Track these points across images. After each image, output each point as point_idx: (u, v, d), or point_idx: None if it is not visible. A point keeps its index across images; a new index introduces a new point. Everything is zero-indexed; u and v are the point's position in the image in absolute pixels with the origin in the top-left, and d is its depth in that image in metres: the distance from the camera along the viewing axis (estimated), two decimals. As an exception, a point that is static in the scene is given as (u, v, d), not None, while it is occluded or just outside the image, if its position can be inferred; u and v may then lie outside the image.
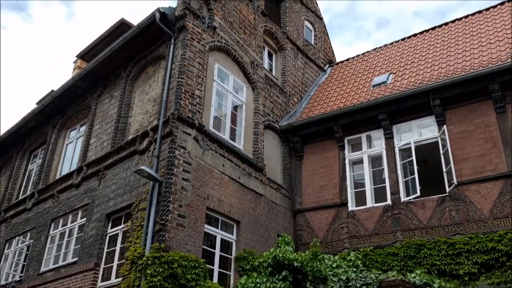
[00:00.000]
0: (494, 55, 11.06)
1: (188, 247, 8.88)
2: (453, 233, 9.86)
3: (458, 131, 10.73)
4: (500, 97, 10.30)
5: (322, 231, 11.63)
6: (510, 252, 8.93)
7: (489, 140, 10.27)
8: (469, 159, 10.33)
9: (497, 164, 9.96)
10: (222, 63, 11.73)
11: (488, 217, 9.64)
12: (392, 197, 11.00)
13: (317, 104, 13.89)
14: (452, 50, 12.70)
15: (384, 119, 11.65)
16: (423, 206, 10.51)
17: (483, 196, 9.87)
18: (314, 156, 12.74)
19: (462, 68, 11.21)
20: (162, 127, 9.82)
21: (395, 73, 13.14)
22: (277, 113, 13.28)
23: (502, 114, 10.30)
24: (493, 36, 12.22)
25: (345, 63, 16.69)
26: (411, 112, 11.48)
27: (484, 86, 10.48)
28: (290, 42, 15.19)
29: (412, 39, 15.20)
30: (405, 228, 10.50)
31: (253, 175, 11.39)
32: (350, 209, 11.48)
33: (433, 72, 11.92)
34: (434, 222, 10.21)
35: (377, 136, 12.03)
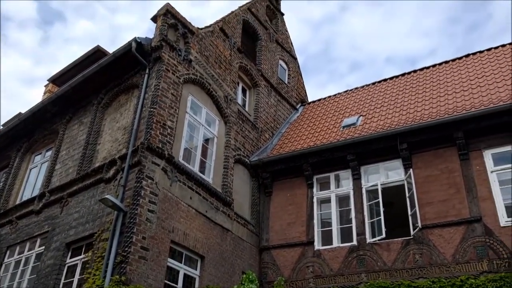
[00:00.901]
0: (459, 104, 11.48)
1: (149, 281, 8.62)
2: (417, 277, 9.92)
3: (423, 175, 10.96)
4: (464, 145, 10.63)
5: (287, 269, 11.51)
6: (473, 297, 9.02)
7: (453, 185, 10.51)
8: (434, 203, 10.52)
9: (460, 209, 10.17)
10: (196, 95, 11.77)
11: (450, 261, 9.76)
12: (358, 237, 11.04)
13: (288, 141, 14.01)
14: (420, 96, 13.13)
15: (352, 159, 11.82)
16: (388, 248, 10.57)
17: (446, 240, 10.02)
18: (283, 193, 12.74)
19: (429, 115, 11.57)
20: (131, 156, 9.69)
21: (365, 116, 13.45)
22: (248, 148, 13.32)
23: (465, 161, 10.60)
24: (458, 85, 12.74)
25: (317, 103, 17.01)
26: (379, 154, 11.70)
27: (449, 133, 10.81)
28: (264, 80, 15.43)
29: (383, 84, 15.68)
30: (370, 269, 10.51)
31: (221, 210, 11.27)
32: (316, 248, 11.44)
33: (401, 116, 12.25)
34: (398, 264, 10.26)
35: (345, 176, 12.17)
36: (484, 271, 9.34)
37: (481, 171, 10.35)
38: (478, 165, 10.44)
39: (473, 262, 9.54)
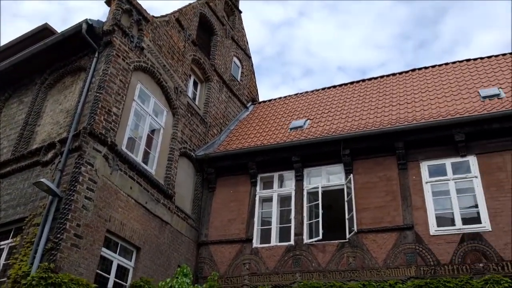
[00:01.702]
0: (402, 115, 11.94)
1: (80, 270, 8.36)
2: (349, 279, 10.21)
3: (363, 181, 11.30)
4: (403, 155, 11.05)
5: (224, 265, 11.53)
6: (396, 301, 9.39)
7: (390, 193, 10.91)
8: (370, 209, 10.88)
9: (394, 216, 10.57)
10: (145, 84, 11.55)
11: (381, 266, 10.13)
12: (295, 237, 11.23)
13: (235, 138, 14.04)
14: (366, 105, 13.53)
15: (297, 161, 12.00)
16: (324, 249, 10.82)
17: (379, 245, 10.38)
18: (226, 189, 12.75)
19: (373, 123, 11.95)
20: (71, 140, 9.36)
21: (312, 119, 13.70)
22: (195, 142, 13.21)
23: (403, 171, 11.03)
24: (403, 97, 13.24)
25: (267, 103, 17.15)
26: (323, 158, 11.95)
27: (390, 143, 11.21)
28: (217, 75, 15.37)
29: (332, 90, 16.04)
30: (305, 269, 10.71)
31: (161, 202, 11.12)
32: (254, 245, 11.53)
33: (347, 123, 12.58)
34: (332, 266, 10.53)
35: (289, 177, 12.34)
36: (411, 277, 9.75)
37: (417, 181, 10.81)
38: (415, 175, 10.89)
39: (402, 267, 9.94)
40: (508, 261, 9.22)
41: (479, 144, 10.58)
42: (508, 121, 10.29)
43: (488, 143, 10.54)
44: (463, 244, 9.71)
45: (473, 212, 10.21)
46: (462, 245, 9.71)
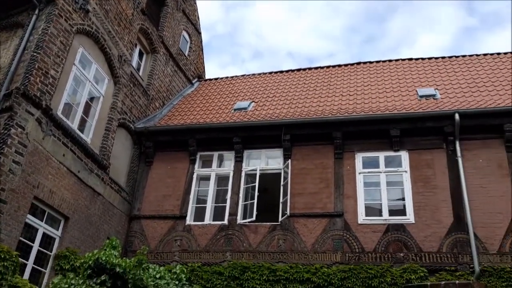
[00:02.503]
0: (344, 106, 12.26)
1: (2, 236, 7.99)
2: (277, 261, 10.47)
3: (300, 167, 11.54)
4: (340, 145, 11.38)
5: (155, 240, 11.45)
6: (321, 284, 9.76)
7: (324, 180, 11.23)
8: (304, 194, 11.16)
9: (326, 203, 10.91)
10: (88, 49, 11.07)
11: (309, 250, 10.45)
12: (229, 217, 11.33)
13: (178, 114, 13.84)
14: (310, 93, 13.77)
15: (238, 142, 12.04)
16: (256, 231, 11.00)
17: (309, 230, 10.70)
18: (164, 164, 12.59)
19: (314, 112, 12.19)
20: (2, 100, 8.83)
21: (257, 102, 13.76)
22: (135, 114, 12.89)
23: (339, 160, 11.37)
24: (346, 89, 13.58)
25: (213, 82, 17.01)
26: (263, 142, 12.07)
27: (329, 132, 11.49)
28: (164, 47, 15.00)
29: (279, 75, 16.16)
30: (236, 249, 10.85)
31: (95, 172, 10.80)
32: (187, 223, 11.52)
33: (290, 109, 12.75)
34: (262, 247, 10.74)
35: (229, 157, 12.37)
36: (337, 262, 10.15)
37: (351, 171, 11.19)
38: (349, 165, 11.27)
39: (329, 252, 10.32)
40: (426, 252, 9.82)
41: (412, 140, 11.10)
42: (440, 121, 10.84)
43: (420, 140, 11.08)
44: (388, 234, 10.21)
45: (399, 205, 10.73)
46: (386, 235, 10.20)
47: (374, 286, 9.53)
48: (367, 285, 9.57)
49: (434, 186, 10.51)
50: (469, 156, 10.61)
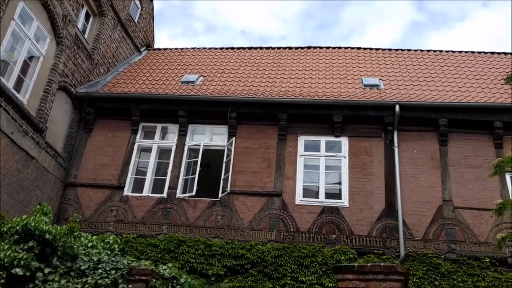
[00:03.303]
0: (291, 89, 12.39)
1: None
2: (214, 236, 10.55)
3: (244, 146, 11.60)
4: (284, 127, 11.52)
5: (90, 209, 11.17)
6: (255, 261, 9.96)
7: (266, 160, 11.36)
8: (246, 173, 11.25)
9: (266, 182, 11.07)
10: (29, 4, 10.40)
11: (246, 227, 10.61)
12: (169, 191, 11.24)
13: (122, 82, 13.42)
14: (259, 72, 13.77)
15: (183, 116, 11.89)
16: (195, 205, 11.00)
17: (248, 208, 10.84)
18: (104, 132, 12.21)
19: (262, 91, 12.23)
20: None
21: (205, 77, 13.60)
22: (78, 78, 12.37)
23: (282, 141, 11.52)
24: (295, 72, 13.72)
25: (162, 52, 16.61)
26: (209, 117, 11.99)
27: (275, 113, 11.60)
28: (113, 11, 14.40)
29: (230, 51, 16.02)
30: (173, 223, 10.82)
31: (30, 135, 10.31)
32: (125, 193, 11.31)
33: (238, 87, 12.71)
34: (200, 222, 10.77)
35: (172, 130, 12.20)
36: (272, 240, 10.38)
37: (293, 153, 11.39)
38: (292, 147, 11.45)
39: (265, 230, 10.52)
40: (357, 236, 10.25)
41: (353, 127, 11.43)
42: (382, 111, 11.23)
43: (361, 128, 11.43)
44: (322, 216, 10.54)
45: (336, 189, 11.08)
46: (321, 217, 10.53)
47: (306, 265, 9.85)
48: (299, 263, 9.87)
49: (370, 173, 10.92)
50: (405, 146, 11.09)
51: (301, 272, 9.79)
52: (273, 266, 9.89)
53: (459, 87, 12.24)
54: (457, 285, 9.44)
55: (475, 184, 10.49)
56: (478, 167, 10.51)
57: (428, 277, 9.58)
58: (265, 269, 9.89)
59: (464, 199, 10.43)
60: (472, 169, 10.66)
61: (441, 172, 10.76)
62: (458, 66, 13.93)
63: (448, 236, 10.09)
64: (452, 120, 11.00)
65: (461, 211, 10.31)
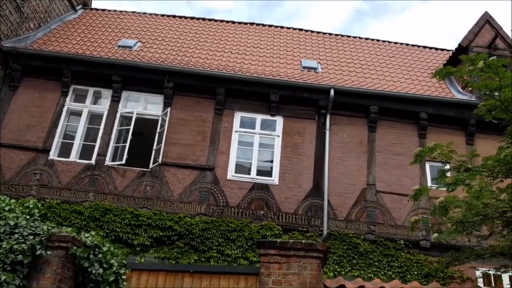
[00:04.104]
0: (231, 63, 12.34)
1: None
2: (142, 206, 10.41)
3: (179, 117, 11.44)
4: (222, 101, 11.48)
5: (11, 171, 10.60)
6: (182, 233, 9.97)
7: (201, 133, 11.30)
8: (179, 145, 11.14)
9: (199, 156, 11.03)
10: None
11: (176, 199, 10.56)
12: (97, 158, 10.90)
13: (54, 40, 12.68)
14: (200, 44, 13.53)
15: (117, 81, 11.48)
16: (124, 174, 10.77)
17: (179, 180, 10.77)
18: (32, 92, 11.53)
19: (202, 64, 12.08)
20: None
21: (144, 43, 13.18)
22: (4, 31, 11.52)
23: (219, 116, 11.48)
24: (236, 46, 13.62)
25: (100, 12, 15.82)
26: (145, 85, 11.67)
27: (213, 86, 11.50)
28: (48, -37, 13.48)
29: (171, 19, 15.57)
30: (99, 190, 10.54)
31: None
32: (50, 157, 10.83)
33: (177, 56, 12.44)
34: (128, 191, 10.58)
35: (106, 95, 11.76)
36: (200, 213, 10.42)
37: (228, 128, 11.40)
38: (227, 123, 11.46)
39: (194, 203, 10.54)
40: (284, 213, 10.54)
41: (288, 108, 11.60)
42: (317, 94, 11.47)
43: (296, 108, 11.63)
44: (252, 192, 10.72)
45: (267, 166, 11.28)
46: (251, 193, 10.71)
47: (232, 239, 10.01)
48: (226, 237, 10.01)
49: (301, 153, 11.20)
50: (336, 130, 11.46)
51: (227, 246, 9.95)
52: (200, 238, 9.96)
53: (392, 77, 12.77)
54: (373, 264, 10.03)
55: (397, 170, 11.08)
56: (402, 154, 11.08)
57: (347, 255, 10.08)
58: (191, 242, 9.94)
59: (386, 184, 11.00)
60: (396, 156, 11.23)
61: (367, 157, 11.25)
62: (392, 56, 14.49)
63: (369, 218, 10.64)
64: (382, 108, 11.48)
65: (382, 195, 10.88)
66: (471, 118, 11.04)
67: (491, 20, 12.78)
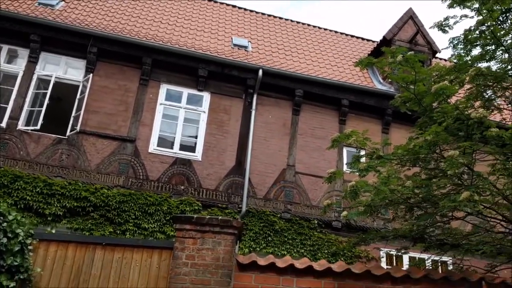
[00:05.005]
0: (160, 33, 11.97)
1: None
2: (56, 175, 9.95)
3: (101, 85, 10.98)
4: (148, 72, 11.15)
5: None
6: (98, 204, 9.69)
7: (124, 103, 10.94)
8: (100, 113, 10.72)
9: (120, 126, 10.71)
10: None
11: (93, 169, 10.20)
12: (9, 121, 10.22)
13: (-35, -11, 11.56)
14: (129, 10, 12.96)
15: (35, 41, 10.76)
16: (38, 141, 10.21)
17: (97, 150, 10.40)
18: None
19: (129, 31, 11.63)
20: None
21: (68, 3, 12.36)
22: None
23: (144, 87, 11.18)
24: (167, 16, 13.23)
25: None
26: (66, 48, 11.05)
27: (140, 56, 11.13)
28: None
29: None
30: (10, 156, 9.92)
31: None
32: (-46, 117, 10.00)
33: (104, 20, 11.87)
34: (42, 159, 10.06)
35: (22, 55, 10.98)
36: (118, 185, 10.17)
37: (153, 100, 11.14)
38: (152, 94, 11.19)
39: (112, 175, 10.25)
40: (205, 189, 10.58)
41: (216, 84, 11.55)
42: (246, 73, 11.50)
43: (224, 85, 11.61)
44: (174, 167, 10.62)
45: (191, 142, 11.20)
46: (172, 167, 10.61)
47: (150, 213, 9.90)
48: (143, 210, 9.88)
49: (226, 131, 11.24)
50: (262, 110, 11.60)
51: (144, 219, 9.83)
52: (117, 211, 9.74)
53: (319, 63, 13.10)
54: (287, 242, 10.40)
55: (317, 153, 11.49)
56: (322, 138, 11.48)
57: (263, 232, 10.36)
58: (107, 214, 9.70)
59: (305, 165, 11.38)
60: (317, 139, 11.62)
61: (290, 139, 11.54)
62: (321, 42, 14.84)
63: (287, 198, 10.98)
64: (307, 92, 11.77)
65: (301, 176, 11.25)
66: (388, 108, 11.66)
67: (414, 17, 13.45)
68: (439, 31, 6.01)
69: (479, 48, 5.88)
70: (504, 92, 5.80)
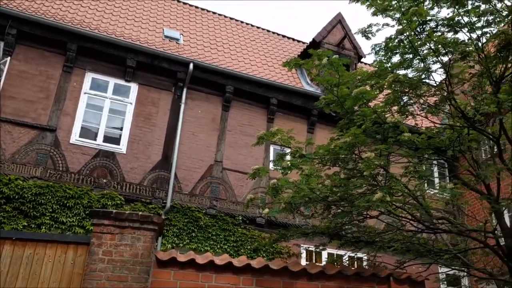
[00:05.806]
0: (88, 19, 11.49)
1: None
2: (-36, 164, 9.26)
3: (20, 69, 10.33)
4: (73, 58, 10.66)
5: None
6: (11, 196, 9.11)
7: (45, 91, 10.39)
8: (18, 100, 10.09)
9: (40, 115, 10.15)
10: None
11: (7, 159, 9.59)
12: None
13: None
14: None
15: None
16: None
17: (13, 138, 9.79)
18: None
19: (54, 14, 11.04)
20: None
21: (-15, -21, 11.54)
22: None
23: (67, 74, 10.67)
24: (104, 4, 12.69)
25: None
26: (-19, 27, 10.30)
27: (64, 41, 10.61)
28: None
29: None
30: None
31: None
32: None
33: (25, 1, 11.14)
34: (-51, 146, 9.30)
35: None
36: (35, 177, 9.63)
37: (77, 88, 10.67)
38: (76, 82, 10.72)
39: (29, 165, 9.69)
40: (128, 183, 10.31)
41: (145, 75, 11.29)
42: (176, 66, 11.34)
43: (153, 77, 11.37)
44: (96, 159, 10.25)
45: (116, 134, 10.85)
46: (95, 160, 10.23)
47: (69, 206, 9.48)
48: (62, 204, 9.45)
49: (153, 124, 11.02)
50: (191, 104, 11.50)
51: (62, 213, 9.39)
52: (32, 203, 9.22)
53: (250, 60, 13.20)
54: (211, 238, 10.40)
55: (245, 150, 11.58)
56: (250, 135, 11.58)
57: (187, 228, 10.29)
58: (21, 206, 9.15)
59: (233, 162, 11.44)
60: (245, 136, 11.72)
61: (218, 134, 11.54)
62: (253, 40, 14.96)
63: (213, 193, 10.98)
64: (238, 89, 11.83)
65: (228, 172, 11.30)
66: (314, 109, 12.00)
67: (343, 21, 13.94)
68: (362, 37, 6.26)
69: (399, 56, 6.20)
70: (419, 99, 6.16)
